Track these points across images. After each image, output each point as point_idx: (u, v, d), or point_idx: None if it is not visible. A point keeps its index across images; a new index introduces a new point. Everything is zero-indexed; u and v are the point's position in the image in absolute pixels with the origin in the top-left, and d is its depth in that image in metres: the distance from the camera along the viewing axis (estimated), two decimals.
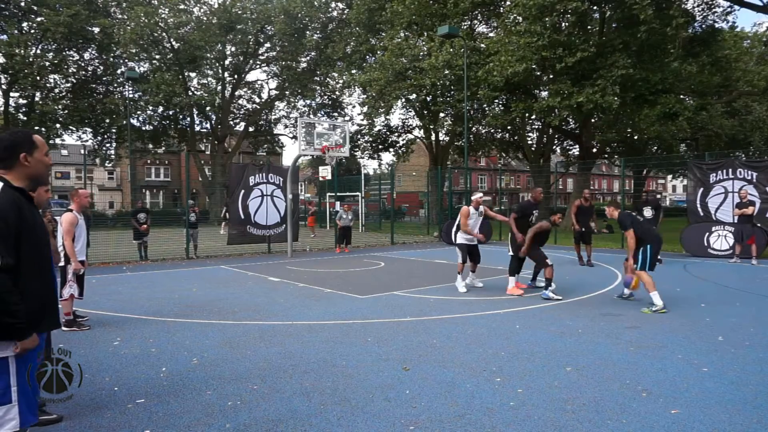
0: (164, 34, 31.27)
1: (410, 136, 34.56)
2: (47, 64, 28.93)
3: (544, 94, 23.76)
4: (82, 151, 35.90)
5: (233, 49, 34.25)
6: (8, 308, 1.85)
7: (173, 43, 32.01)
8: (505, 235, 20.39)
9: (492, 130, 32.01)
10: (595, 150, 30.64)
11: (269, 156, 50.07)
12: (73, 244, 6.11)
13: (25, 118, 29.06)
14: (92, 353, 4.99)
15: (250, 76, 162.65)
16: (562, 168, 44.77)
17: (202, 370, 4.42)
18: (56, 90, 31.03)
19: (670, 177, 74.04)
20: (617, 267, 11.18)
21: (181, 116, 34.47)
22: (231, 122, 37.61)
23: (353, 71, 31.14)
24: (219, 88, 34.98)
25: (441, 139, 32.97)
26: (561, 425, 3.26)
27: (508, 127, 30.06)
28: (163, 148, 38.72)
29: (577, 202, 12.12)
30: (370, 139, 33.43)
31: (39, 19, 27.75)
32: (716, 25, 23.99)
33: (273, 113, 38.20)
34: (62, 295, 6.06)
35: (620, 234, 12.32)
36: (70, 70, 30.93)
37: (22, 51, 27.37)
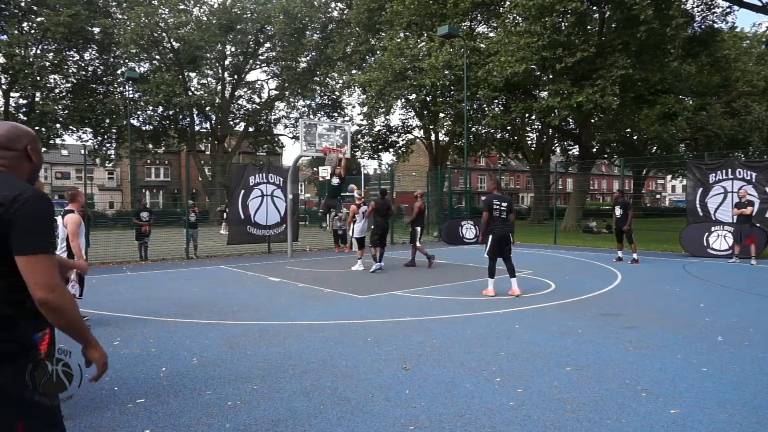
0: (164, 34, 31.29)
1: (410, 136, 34.57)
2: (47, 64, 28.95)
3: (544, 94, 23.77)
4: (82, 151, 35.89)
5: (233, 49, 34.26)
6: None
7: (173, 43, 32.02)
8: None
9: (492, 130, 32.03)
10: (594, 150, 30.68)
11: (269, 156, 50.07)
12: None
13: (25, 118, 29.05)
14: None
15: (250, 76, 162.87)
16: (562, 168, 44.84)
17: (202, 370, 4.42)
18: (56, 90, 31.05)
19: (669, 177, 74.11)
20: (617, 267, 11.19)
21: (181, 116, 34.48)
22: (231, 122, 37.62)
23: (353, 71, 31.16)
24: (219, 88, 35.00)
25: (441, 139, 32.98)
26: (561, 425, 3.26)
27: (508, 127, 30.10)
28: (163, 148, 38.74)
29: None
30: (370, 139, 33.45)
31: (39, 19, 27.76)
32: (716, 26, 24.04)
33: (273, 113, 38.22)
34: None
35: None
36: (71, 71, 30.95)
37: (23, 51, 27.39)
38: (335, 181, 12.79)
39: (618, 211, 12.10)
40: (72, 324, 1.72)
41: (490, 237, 7.73)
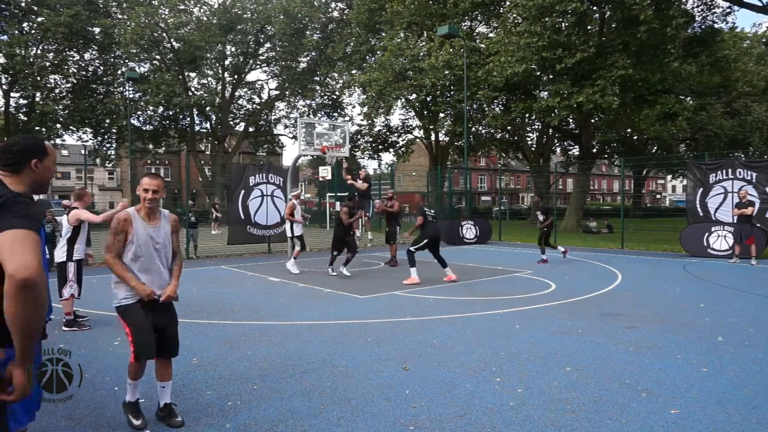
0: (164, 34, 31.28)
1: (410, 136, 34.57)
2: (47, 64, 28.93)
3: (544, 94, 23.77)
4: (83, 152, 35.90)
5: (233, 49, 34.25)
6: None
7: (173, 43, 32.02)
8: (505, 234, 20.43)
9: (492, 131, 32.02)
10: (595, 150, 30.67)
11: (269, 156, 50.05)
12: (77, 241, 6.14)
13: (25, 119, 29.07)
14: (92, 353, 4.99)
15: (250, 76, 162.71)
16: (562, 168, 44.83)
17: (202, 370, 4.42)
18: (57, 90, 31.03)
19: (669, 177, 74.11)
20: (617, 267, 11.18)
21: (181, 116, 34.46)
22: (231, 122, 37.61)
23: (353, 71, 31.16)
24: (219, 88, 34.99)
25: (441, 139, 32.98)
26: (561, 425, 3.26)
27: (508, 128, 30.08)
28: (163, 148, 38.69)
29: None
30: (370, 139, 33.45)
31: (39, 19, 27.74)
32: (716, 26, 24.02)
33: (273, 113, 38.21)
34: (62, 295, 6.06)
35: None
36: (71, 71, 30.92)
37: (23, 51, 27.37)
38: (363, 185, 13.37)
39: (541, 217, 12.28)
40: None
41: (426, 240, 9.14)
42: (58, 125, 30.34)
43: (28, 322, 1.56)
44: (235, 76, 35.97)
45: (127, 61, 31.96)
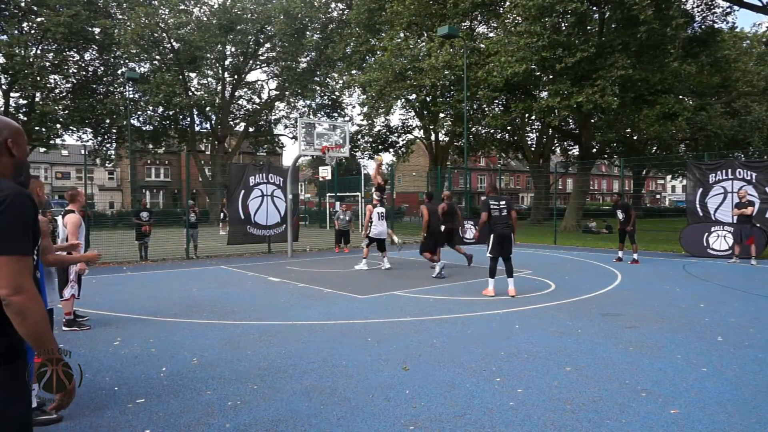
0: (164, 34, 31.29)
1: (410, 136, 34.58)
2: (47, 64, 28.93)
3: (544, 94, 23.78)
4: (83, 152, 35.86)
5: (233, 49, 34.26)
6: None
7: (173, 43, 32.03)
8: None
9: (492, 131, 32.04)
10: (594, 150, 30.67)
11: (269, 156, 50.05)
12: None
13: (25, 119, 29.06)
14: (92, 353, 4.99)
15: (250, 77, 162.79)
16: (562, 168, 44.84)
17: (202, 370, 4.42)
18: (56, 90, 31.04)
19: (669, 177, 74.09)
20: (617, 267, 11.19)
21: (181, 116, 34.47)
22: (231, 122, 37.61)
23: (353, 71, 31.17)
24: (219, 88, 35.00)
25: (441, 139, 32.99)
26: (561, 425, 3.26)
27: (508, 128, 30.11)
28: (163, 148, 38.72)
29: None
30: (370, 139, 33.46)
31: (39, 19, 27.75)
32: (716, 26, 24.03)
33: (273, 113, 38.22)
34: (63, 295, 6.06)
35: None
36: (71, 71, 30.93)
37: (23, 51, 27.38)
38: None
39: (621, 215, 12.10)
40: (36, 332, 1.62)
41: (492, 236, 7.74)
42: (58, 125, 30.35)
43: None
44: (235, 76, 35.97)
45: (127, 61, 31.97)
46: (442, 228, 10.30)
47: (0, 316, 1.60)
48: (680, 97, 24.25)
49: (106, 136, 33.99)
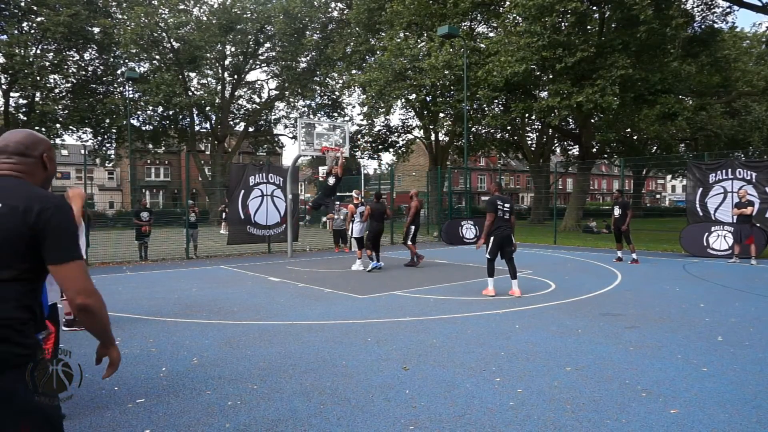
0: (164, 34, 31.29)
1: (410, 136, 34.56)
2: (47, 64, 28.94)
3: (544, 94, 23.78)
4: (82, 151, 35.89)
5: (233, 49, 34.27)
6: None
7: (173, 43, 32.02)
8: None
9: (492, 130, 32.04)
10: (594, 150, 30.68)
11: (269, 156, 50.06)
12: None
13: (25, 118, 29.08)
14: (92, 353, 4.97)
15: (250, 76, 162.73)
16: (562, 168, 44.85)
17: (202, 370, 4.42)
18: (56, 90, 31.04)
19: (669, 177, 74.13)
20: (617, 267, 11.19)
21: (181, 116, 34.49)
22: (231, 122, 37.63)
23: (353, 71, 31.17)
24: (219, 88, 35.01)
25: (441, 139, 32.97)
26: (561, 425, 3.26)
27: (508, 127, 30.10)
28: (163, 148, 38.75)
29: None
30: (370, 139, 33.44)
31: (39, 19, 27.75)
32: (716, 26, 24.04)
33: (273, 113, 38.23)
34: (64, 295, 6.06)
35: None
36: (70, 71, 30.94)
37: (22, 51, 27.38)
38: (331, 180, 12.42)
39: (617, 211, 12.10)
40: (104, 326, 1.84)
41: (492, 238, 7.69)
42: (58, 125, 30.36)
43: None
44: (235, 76, 35.98)
45: (127, 61, 31.97)
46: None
47: (28, 320, 1.68)
48: (680, 96, 24.26)
49: (105, 136, 33.98)
